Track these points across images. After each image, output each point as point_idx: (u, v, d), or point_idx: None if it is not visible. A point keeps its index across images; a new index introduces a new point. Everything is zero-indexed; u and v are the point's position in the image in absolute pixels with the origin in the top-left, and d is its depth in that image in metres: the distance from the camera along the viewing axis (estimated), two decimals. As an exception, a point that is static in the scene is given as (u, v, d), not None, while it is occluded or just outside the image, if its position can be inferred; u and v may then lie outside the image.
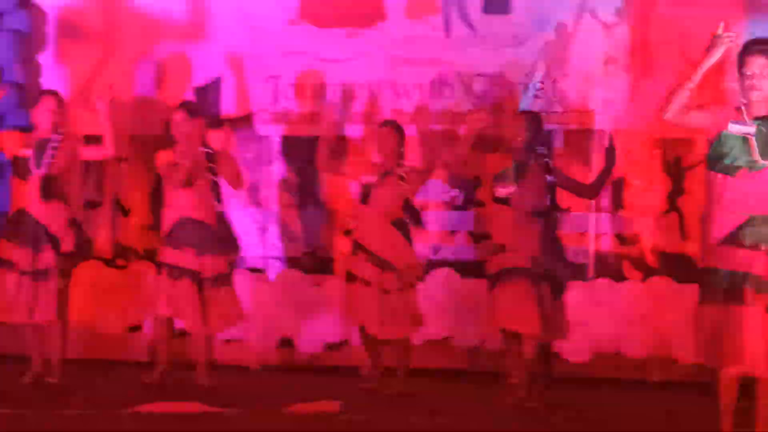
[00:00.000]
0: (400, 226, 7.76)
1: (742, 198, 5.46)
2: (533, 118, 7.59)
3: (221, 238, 7.84)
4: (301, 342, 8.91)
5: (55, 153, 7.71)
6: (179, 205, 7.77)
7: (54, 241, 7.74)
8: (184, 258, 7.71)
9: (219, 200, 7.88)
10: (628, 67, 8.66)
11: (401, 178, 7.57)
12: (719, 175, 5.54)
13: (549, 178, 7.33)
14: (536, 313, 7.14)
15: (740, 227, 5.43)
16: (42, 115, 7.79)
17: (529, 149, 7.39)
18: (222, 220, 7.89)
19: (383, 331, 7.63)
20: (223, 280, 7.80)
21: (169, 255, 7.77)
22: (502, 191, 7.33)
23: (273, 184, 9.16)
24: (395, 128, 7.84)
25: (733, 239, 5.43)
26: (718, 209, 5.49)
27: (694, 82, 5.46)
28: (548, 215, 7.36)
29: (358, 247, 7.78)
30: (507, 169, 7.36)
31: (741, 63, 5.53)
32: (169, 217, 7.86)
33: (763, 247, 5.40)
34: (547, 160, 7.43)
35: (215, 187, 7.86)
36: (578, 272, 8.55)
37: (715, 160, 5.52)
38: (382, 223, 7.68)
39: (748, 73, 5.48)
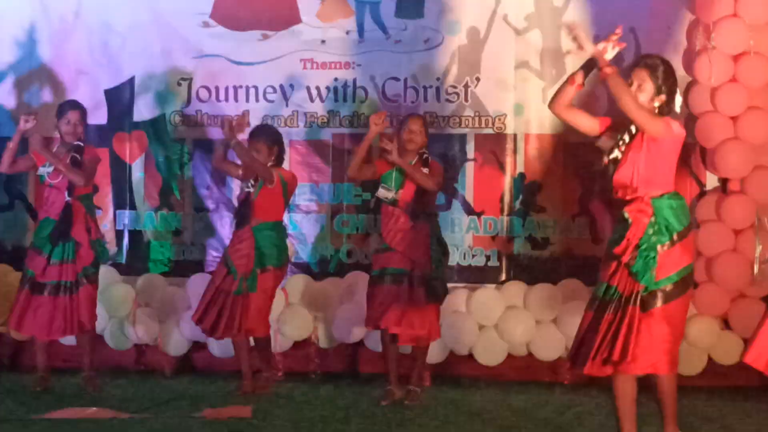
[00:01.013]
0: (266, 229, 7.72)
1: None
2: (425, 121, 7.75)
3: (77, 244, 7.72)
4: (215, 346, 8.71)
5: None
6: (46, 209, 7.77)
7: None
8: (42, 267, 7.69)
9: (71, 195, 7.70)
10: (539, 72, 8.73)
11: (249, 182, 7.64)
12: None
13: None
14: (407, 314, 7.32)
15: (609, 242, 5.73)
16: None
17: (415, 151, 7.50)
18: (68, 215, 7.72)
19: (214, 330, 7.73)
20: (76, 286, 7.72)
21: (30, 262, 7.76)
22: (383, 193, 7.44)
23: (186, 187, 9.10)
24: (256, 134, 7.83)
25: (606, 254, 5.75)
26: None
27: (574, 78, 5.57)
28: (432, 217, 7.54)
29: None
30: (390, 172, 7.46)
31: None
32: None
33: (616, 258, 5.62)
34: (426, 157, 7.50)
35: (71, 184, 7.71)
36: (492, 275, 8.69)
37: None
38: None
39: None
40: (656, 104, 5.57)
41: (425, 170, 7.39)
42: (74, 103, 7.85)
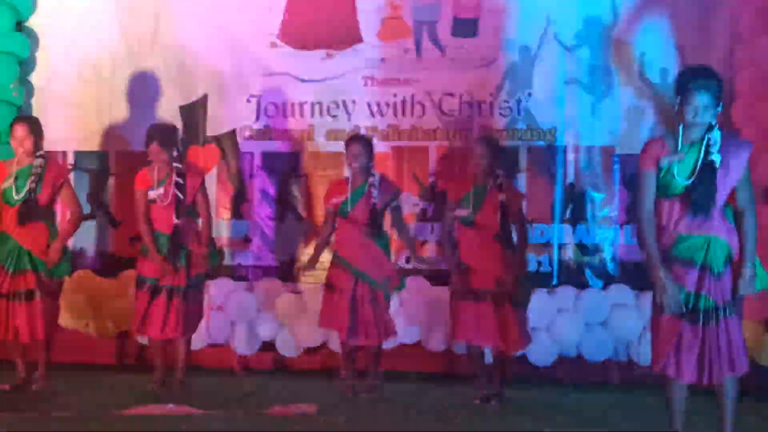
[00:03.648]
0: (380, 237, 7.86)
1: (675, 218, 5.77)
2: (490, 143, 7.72)
3: (187, 252, 7.90)
4: (282, 346, 9.01)
5: (35, 178, 7.76)
6: (158, 224, 7.91)
7: (35, 263, 7.79)
8: (159, 271, 7.86)
9: (179, 216, 7.87)
10: (588, 87, 8.81)
11: (373, 186, 7.71)
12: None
13: (501, 197, 7.50)
14: (497, 329, 7.45)
15: (673, 245, 5.74)
16: (15, 142, 7.80)
17: (489, 173, 7.57)
18: (177, 233, 7.90)
19: (354, 339, 7.75)
20: (187, 291, 7.93)
21: (145, 268, 7.91)
22: (460, 213, 7.55)
23: (255, 196, 9.23)
24: (366, 143, 7.92)
25: (668, 257, 5.74)
26: (657, 230, 5.77)
27: None
28: (510, 234, 7.60)
29: (337, 258, 7.88)
30: (468, 194, 7.56)
31: (686, 92, 5.69)
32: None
33: (695, 263, 5.71)
34: (501, 181, 7.58)
35: (180, 204, 7.87)
36: (543, 280, 8.74)
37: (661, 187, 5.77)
38: (360, 237, 7.77)
39: (695, 104, 5.67)
40: None
41: (501, 196, 7.42)
42: (150, 135, 7.92)
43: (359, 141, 7.85)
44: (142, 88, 9.28)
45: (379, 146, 8.77)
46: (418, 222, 8.95)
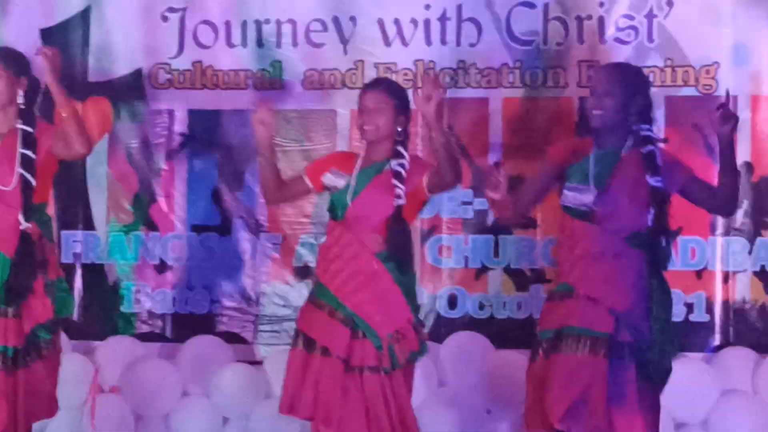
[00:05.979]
0: (396, 259, 5.94)
1: None
2: (628, 75, 5.89)
3: (23, 285, 6.03)
4: None
5: None
6: None
7: None
8: None
9: (29, 215, 5.91)
10: None
11: (398, 176, 5.81)
12: None
13: (653, 180, 5.65)
14: (597, 407, 5.61)
15: None
16: None
17: (622, 129, 5.79)
18: (28, 249, 6.01)
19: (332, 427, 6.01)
20: (25, 355, 6.02)
21: None
22: (572, 198, 5.81)
23: (176, 190, 7.48)
24: (390, 92, 5.99)
25: None
26: None
27: None
28: (652, 243, 5.76)
29: (319, 289, 5.95)
30: (585, 161, 5.81)
31: None
32: None
33: None
34: (652, 148, 5.72)
35: (29, 193, 5.95)
36: (697, 337, 7.08)
37: None
38: (363, 255, 5.91)
39: None
40: None
41: (648, 168, 5.72)
42: None
43: (380, 87, 6.12)
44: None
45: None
46: (470, 234, 7.19)
